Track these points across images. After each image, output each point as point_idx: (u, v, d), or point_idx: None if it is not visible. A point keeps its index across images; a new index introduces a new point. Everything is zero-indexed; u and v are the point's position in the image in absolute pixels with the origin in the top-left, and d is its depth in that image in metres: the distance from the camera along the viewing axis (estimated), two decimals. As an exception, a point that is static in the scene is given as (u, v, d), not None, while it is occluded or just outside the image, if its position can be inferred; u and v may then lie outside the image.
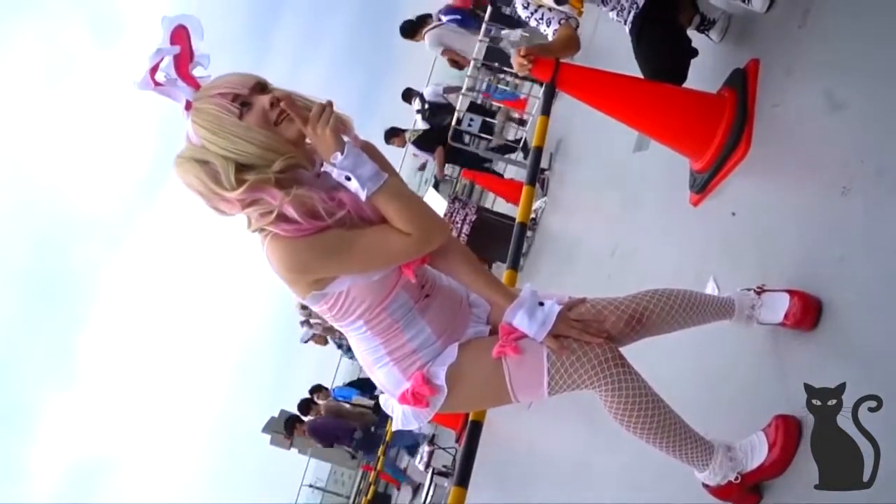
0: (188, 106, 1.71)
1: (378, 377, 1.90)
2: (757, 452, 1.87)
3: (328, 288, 1.76)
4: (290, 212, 1.66)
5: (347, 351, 9.09)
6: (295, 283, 1.75)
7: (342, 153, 1.68)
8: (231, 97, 1.69)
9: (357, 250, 1.72)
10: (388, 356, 1.86)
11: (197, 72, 1.76)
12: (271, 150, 1.69)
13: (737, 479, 1.87)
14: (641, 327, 1.91)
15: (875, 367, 1.75)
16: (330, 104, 1.71)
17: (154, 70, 1.70)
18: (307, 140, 1.73)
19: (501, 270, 3.34)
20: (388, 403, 1.97)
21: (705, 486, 1.92)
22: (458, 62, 8.17)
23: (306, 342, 9.68)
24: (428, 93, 9.17)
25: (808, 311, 2.00)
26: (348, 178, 1.69)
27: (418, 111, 8.79)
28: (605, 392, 1.80)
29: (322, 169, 1.73)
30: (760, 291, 2.11)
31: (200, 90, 1.73)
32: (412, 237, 1.73)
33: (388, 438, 8.77)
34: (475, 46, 7.50)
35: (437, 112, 8.71)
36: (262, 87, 1.73)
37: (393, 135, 8.97)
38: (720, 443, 1.89)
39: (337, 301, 1.78)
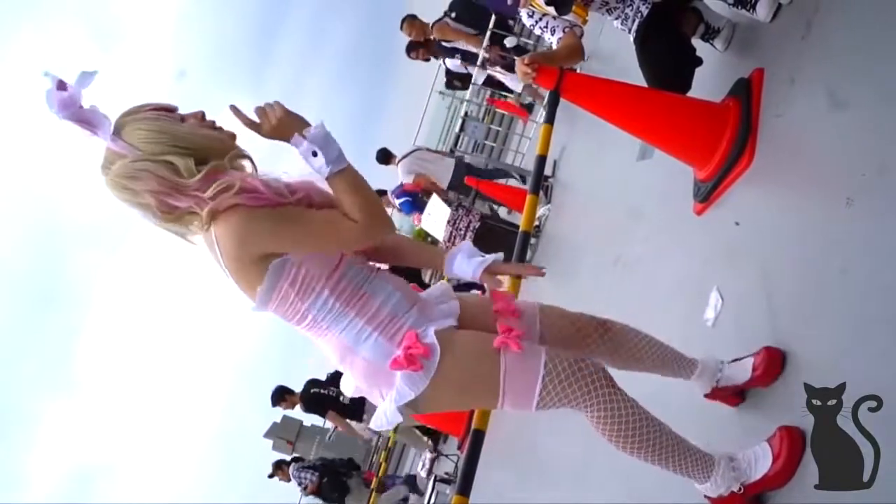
0: (115, 131, 1.74)
1: (364, 356, 1.85)
2: (761, 463, 1.87)
3: (284, 257, 1.77)
4: (255, 183, 1.74)
5: (305, 488, 9.08)
6: (247, 264, 1.76)
7: (313, 128, 1.73)
8: (166, 110, 1.80)
9: (313, 226, 1.78)
10: (368, 326, 1.84)
11: None
12: (219, 142, 1.80)
13: (740, 489, 1.86)
14: (607, 333, 2.02)
15: (875, 374, 1.75)
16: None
17: (75, 93, 1.70)
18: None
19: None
20: (377, 401, 1.93)
21: (707, 497, 1.91)
22: (428, 190, 8.23)
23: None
24: (450, 64, 9.18)
25: (772, 365, 2.07)
26: (314, 154, 1.72)
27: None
28: (597, 411, 1.81)
29: (291, 143, 1.75)
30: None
31: (126, 111, 1.79)
32: (359, 224, 1.77)
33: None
34: (445, 171, 7.79)
35: (457, 79, 8.74)
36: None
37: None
38: (722, 454, 1.89)
39: (297, 271, 1.79)
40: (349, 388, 2.01)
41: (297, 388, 9.16)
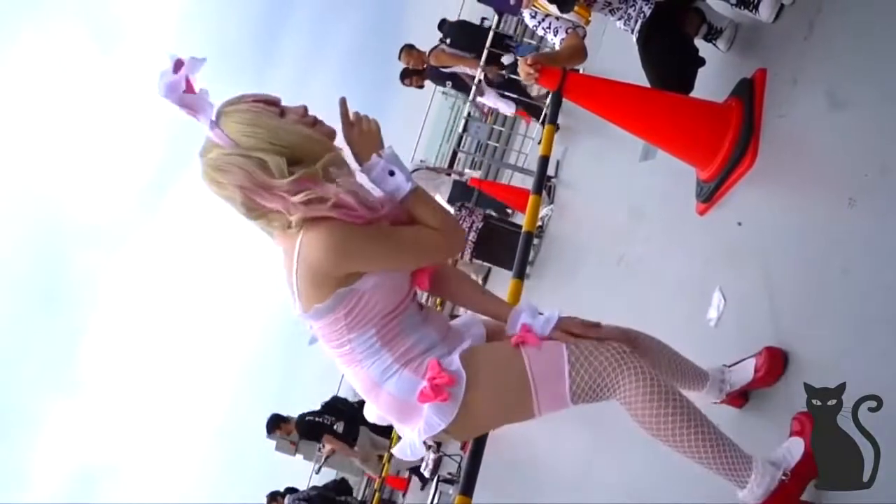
0: (216, 119, 1.72)
1: (389, 391, 1.84)
2: (795, 448, 1.79)
3: (357, 284, 1.76)
4: (349, 199, 1.72)
5: None
6: (324, 277, 1.74)
7: (387, 148, 1.79)
8: (267, 102, 1.76)
9: (403, 242, 1.81)
10: (396, 363, 1.83)
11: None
12: (316, 143, 1.76)
13: (785, 475, 1.75)
14: (635, 348, 1.93)
15: (875, 374, 1.75)
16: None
17: (181, 78, 1.69)
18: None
19: (506, 277, 3.34)
20: (403, 431, 1.92)
21: None
22: None
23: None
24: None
25: (774, 365, 2.07)
26: (392, 173, 1.77)
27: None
28: (629, 385, 1.75)
29: (369, 161, 1.79)
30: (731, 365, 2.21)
31: (229, 100, 1.76)
32: (440, 231, 1.82)
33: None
34: (444, 187, 7.86)
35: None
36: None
37: None
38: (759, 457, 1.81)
39: (357, 303, 1.77)
40: (372, 415, 2.01)
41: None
